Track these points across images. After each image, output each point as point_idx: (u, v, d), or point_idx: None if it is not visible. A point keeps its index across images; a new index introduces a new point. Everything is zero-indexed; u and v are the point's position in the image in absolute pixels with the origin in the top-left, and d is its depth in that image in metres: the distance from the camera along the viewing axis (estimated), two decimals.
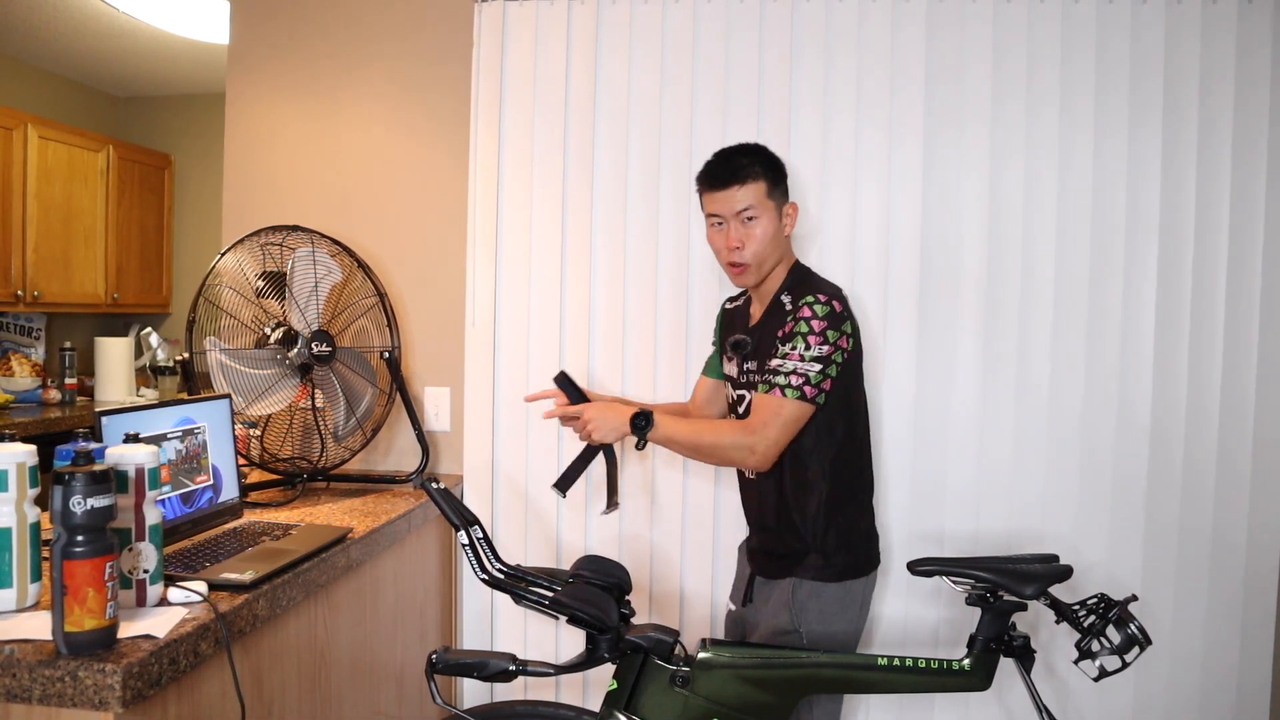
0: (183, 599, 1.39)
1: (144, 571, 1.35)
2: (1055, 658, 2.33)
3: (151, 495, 1.37)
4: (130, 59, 4.39)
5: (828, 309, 1.74)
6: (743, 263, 1.84)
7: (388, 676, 2.09)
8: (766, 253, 1.85)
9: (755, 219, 1.82)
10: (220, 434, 1.89)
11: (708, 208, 1.87)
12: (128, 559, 1.34)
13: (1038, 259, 2.33)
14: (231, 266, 2.22)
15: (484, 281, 2.46)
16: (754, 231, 1.82)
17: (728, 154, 1.87)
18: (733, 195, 1.82)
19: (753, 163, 1.83)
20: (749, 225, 1.83)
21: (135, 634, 1.24)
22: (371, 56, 2.56)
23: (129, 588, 1.34)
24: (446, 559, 2.48)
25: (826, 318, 1.73)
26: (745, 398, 1.90)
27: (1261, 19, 2.27)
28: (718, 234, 1.87)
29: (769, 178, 1.84)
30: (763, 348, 1.86)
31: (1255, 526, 2.32)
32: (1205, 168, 2.29)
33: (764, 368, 1.81)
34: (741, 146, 1.89)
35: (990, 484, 2.36)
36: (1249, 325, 2.31)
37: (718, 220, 1.86)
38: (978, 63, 2.33)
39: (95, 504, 1.17)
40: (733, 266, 1.86)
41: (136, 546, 1.35)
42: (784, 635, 1.84)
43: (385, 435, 2.54)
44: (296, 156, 2.59)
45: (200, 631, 1.31)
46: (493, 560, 1.59)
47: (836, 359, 1.74)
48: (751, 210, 1.82)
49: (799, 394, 1.71)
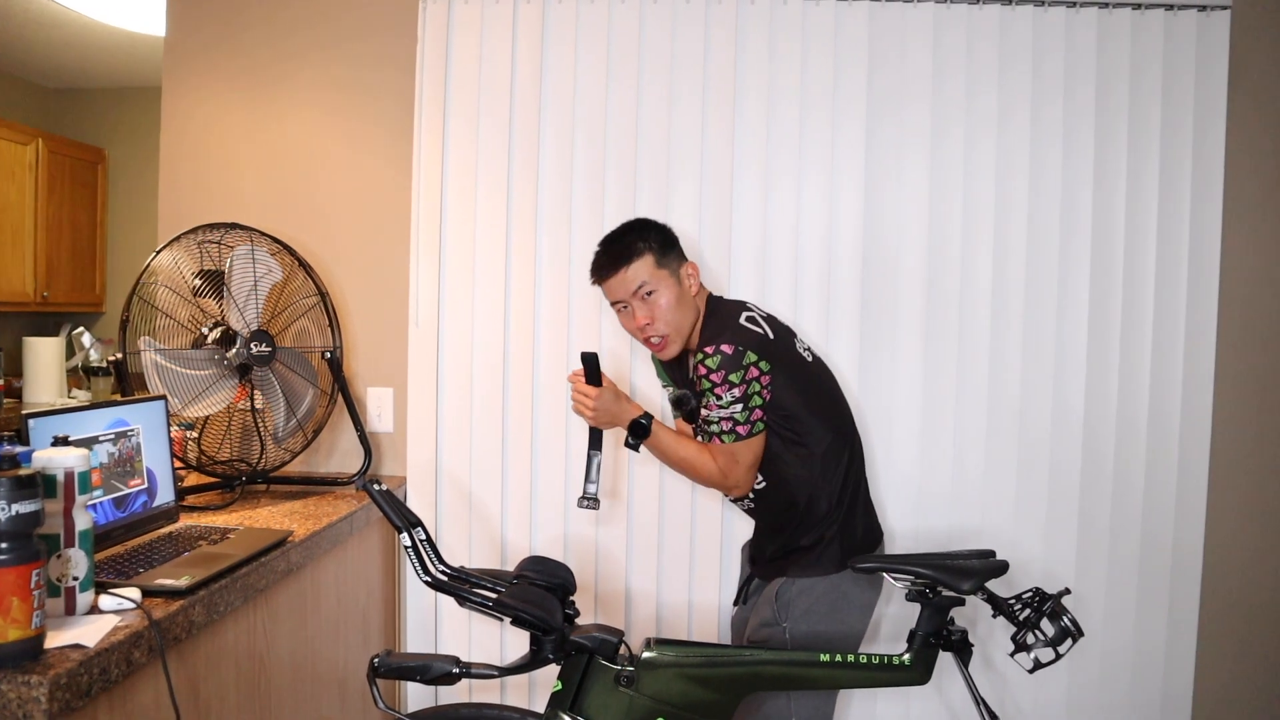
0: (115, 606, 1.35)
1: (73, 579, 1.31)
2: (993, 651, 2.39)
3: (82, 500, 1.33)
4: (61, 49, 4.26)
5: (718, 359, 1.75)
6: (660, 336, 1.85)
7: (329, 682, 2.06)
8: (679, 320, 1.86)
9: (654, 292, 1.83)
10: (155, 436, 1.84)
11: (608, 296, 1.90)
12: (56, 566, 1.30)
13: (977, 263, 2.39)
14: (167, 265, 2.17)
15: (427, 281, 2.43)
16: (658, 303, 1.83)
17: (608, 241, 1.89)
18: (623, 278, 1.84)
19: (633, 240, 1.85)
20: (650, 300, 1.84)
21: (64, 644, 1.20)
22: (313, 51, 2.51)
23: (57, 596, 1.30)
24: (389, 561, 2.46)
25: (721, 366, 1.75)
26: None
27: (1187, 30, 2.35)
28: (626, 318, 1.89)
29: (654, 249, 1.85)
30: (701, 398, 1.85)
31: (1180, 522, 2.41)
32: (1134, 175, 2.37)
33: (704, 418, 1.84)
34: (621, 228, 1.90)
35: (931, 482, 2.41)
36: (1175, 330, 2.39)
37: (622, 305, 1.88)
38: (918, 71, 2.37)
39: (20, 509, 1.14)
40: (650, 344, 1.88)
41: (65, 553, 1.31)
42: (766, 628, 1.87)
43: (327, 436, 2.50)
44: (235, 152, 2.53)
45: (133, 639, 1.27)
46: (436, 562, 1.58)
47: (754, 389, 1.77)
48: (646, 285, 1.83)
49: (734, 436, 1.79)
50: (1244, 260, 2.43)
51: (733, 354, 1.75)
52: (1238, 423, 2.45)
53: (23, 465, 1.21)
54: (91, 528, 1.35)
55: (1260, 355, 2.44)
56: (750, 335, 1.79)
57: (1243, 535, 2.45)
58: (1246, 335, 2.44)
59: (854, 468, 1.92)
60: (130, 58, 4.33)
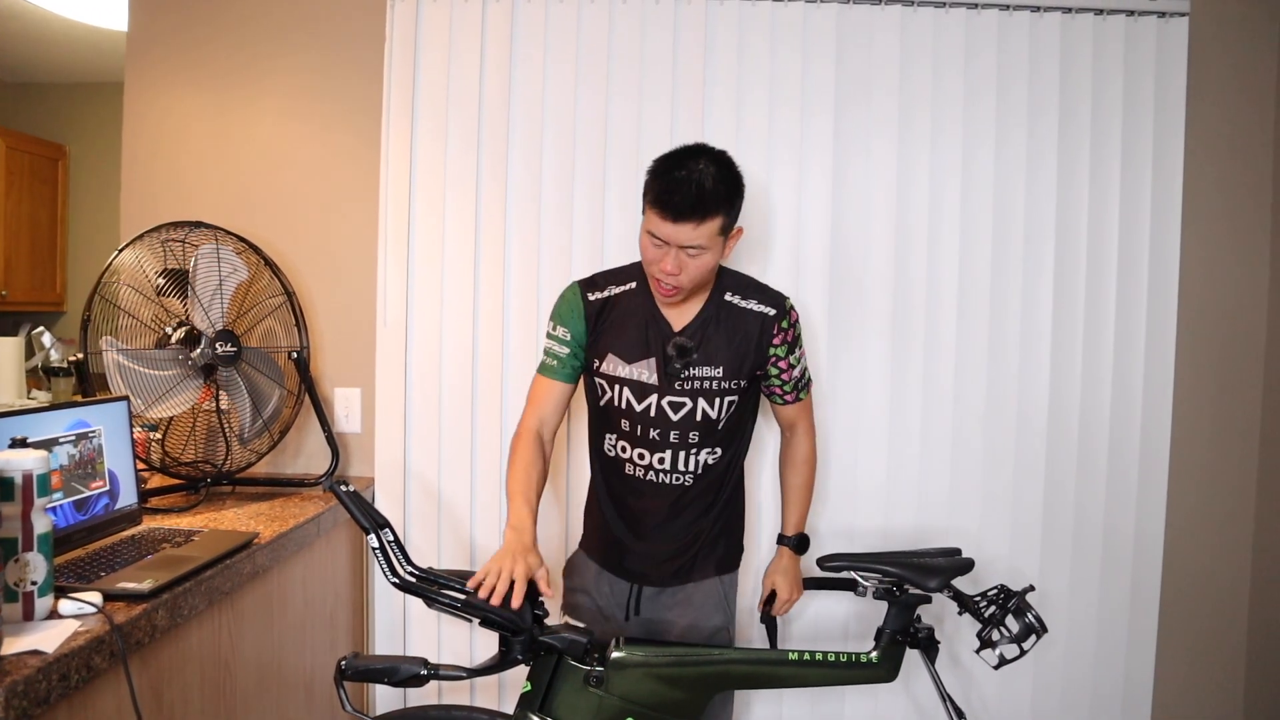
0: (75, 611, 1.33)
1: (32, 583, 1.29)
2: (959, 648, 2.42)
3: (40, 503, 1.31)
4: (19, 43, 4.18)
5: (796, 316, 1.85)
6: (676, 288, 1.71)
7: (296, 685, 2.04)
8: (702, 280, 1.73)
9: (701, 255, 1.67)
10: (117, 437, 1.81)
11: (653, 227, 1.66)
12: (14, 570, 1.27)
13: (941, 264, 2.41)
14: (130, 263, 2.14)
15: (396, 281, 2.41)
16: (696, 262, 1.67)
17: (692, 182, 1.62)
18: (685, 231, 1.63)
19: (717, 198, 1.63)
20: (692, 259, 1.67)
21: (21, 650, 1.18)
22: (280, 47, 2.48)
23: (15, 601, 1.28)
24: (357, 563, 2.44)
25: (797, 324, 1.85)
26: (687, 406, 1.79)
27: (1147, 36, 2.39)
28: (654, 251, 1.68)
29: (727, 212, 1.66)
30: (711, 353, 1.77)
31: (1141, 521, 2.45)
32: (1096, 177, 2.41)
33: (734, 383, 1.79)
34: (707, 170, 1.64)
35: (898, 481, 2.43)
36: (1135, 330, 2.43)
37: (659, 241, 1.67)
38: (885, 73, 2.39)
39: None
40: (661, 288, 1.72)
41: (24, 557, 1.28)
42: (717, 634, 1.90)
43: (294, 437, 2.47)
44: (200, 150, 2.50)
45: (94, 644, 1.25)
46: (404, 563, 1.57)
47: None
48: (701, 248, 1.65)
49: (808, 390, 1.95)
50: (1202, 260, 2.48)
51: (797, 316, 1.85)
52: (1197, 420, 2.49)
53: None
54: (51, 531, 1.33)
55: (1218, 355, 2.49)
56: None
57: (1202, 531, 2.50)
58: (1205, 336, 2.49)
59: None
60: (91, 52, 4.26)
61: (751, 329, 1.79)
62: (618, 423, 1.85)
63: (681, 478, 1.84)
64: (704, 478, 1.85)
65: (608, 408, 1.86)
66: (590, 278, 1.89)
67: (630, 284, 1.84)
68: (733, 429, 1.86)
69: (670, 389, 1.78)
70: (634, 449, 1.85)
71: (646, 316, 1.81)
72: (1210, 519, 2.51)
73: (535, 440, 1.80)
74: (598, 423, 1.93)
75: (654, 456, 1.83)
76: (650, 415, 1.80)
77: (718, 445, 1.84)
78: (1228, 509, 2.51)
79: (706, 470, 1.85)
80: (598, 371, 1.84)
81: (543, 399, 1.84)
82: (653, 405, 1.80)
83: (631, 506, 1.89)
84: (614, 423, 1.86)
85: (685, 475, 1.84)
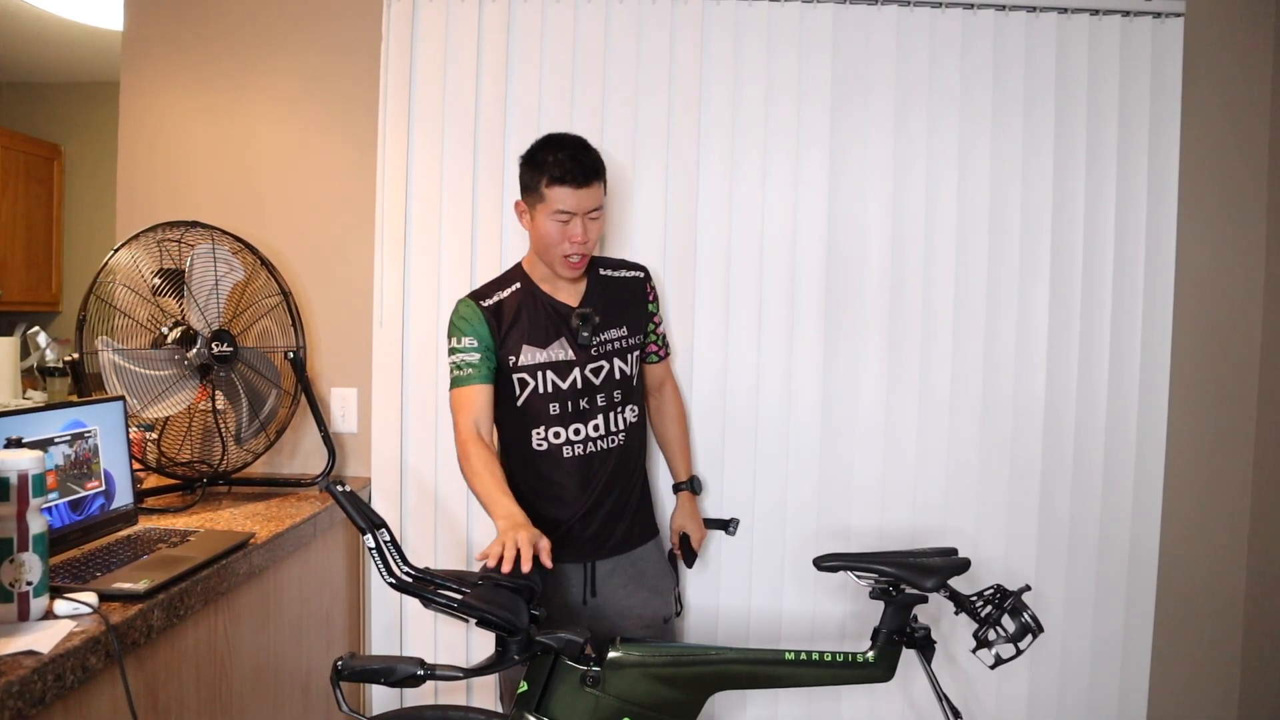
0: (70, 611, 1.32)
1: (27, 584, 1.29)
2: (956, 648, 2.42)
3: (36, 503, 1.31)
4: (13, 42, 4.17)
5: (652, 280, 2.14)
6: (583, 256, 1.92)
7: (293, 686, 2.04)
8: (595, 245, 1.97)
9: (598, 216, 1.91)
10: (113, 437, 1.81)
11: (559, 203, 1.86)
12: (9, 571, 1.27)
13: (937, 265, 2.42)
14: (126, 263, 2.13)
15: (392, 280, 2.41)
16: (596, 224, 1.91)
17: (579, 147, 1.90)
18: (592, 193, 1.88)
19: (599, 159, 1.91)
20: (594, 222, 1.90)
21: (16, 650, 1.18)
22: (276, 45, 2.48)
23: (10, 601, 1.27)
24: (354, 563, 2.43)
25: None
26: (605, 368, 1.98)
27: (1143, 36, 2.39)
28: (560, 230, 1.88)
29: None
30: (611, 317, 2.00)
31: (1137, 519, 2.46)
32: (1092, 176, 2.41)
33: (635, 339, 2.04)
34: (583, 141, 1.92)
35: (894, 481, 2.43)
36: (1132, 331, 2.43)
37: (565, 216, 1.87)
38: (882, 74, 2.39)
39: None
40: (570, 262, 1.91)
41: (19, 558, 1.28)
42: (668, 597, 2.07)
43: (290, 437, 2.47)
44: (196, 150, 2.50)
45: (89, 645, 1.25)
46: (400, 563, 1.57)
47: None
48: (598, 210, 1.90)
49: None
50: (1199, 262, 2.48)
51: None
52: (1193, 421, 2.50)
53: None
54: (46, 531, 1.33)
55: (1214, 356, 2.50)
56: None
57: (1198, 532, 2.51)
58: (1201, 336, 2.49)
59: None
60: (87, 52, 4.25)
61: (634, 291, 2.07)
62: (545, 411, 1.96)
63: (615, 438, 2.00)
64: (630, 435, 2.03)
65: (530, 401, 1.96)
66: (474, 291, 2.03)
67: (514, 285, 2.00)
68: (640, 387, 2.11)
69: (588, 357, 1.97)
70: (568, 428, 1.96)
71: (543, 306, 1.98)
72: (1206, 519, 2.51)
73: (480, 441, 1.88)
74: (519, 425, 1.98)
75: (589, 426, 1.97)
76: (577, 387, 1.96)
77: (634, 403, 2.04)
78: (1223, 509, 2.52)
79: (630, 429, 2.03)
80: (515, 367, 1.95)
81: (470, 403, 1.91)
82: (577, 377, 1.96)
83: (573, 489, 1.98)
84: (540, 414, 1.96)
85: (618, 435, 2.00)
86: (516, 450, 2.01)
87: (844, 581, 2.38)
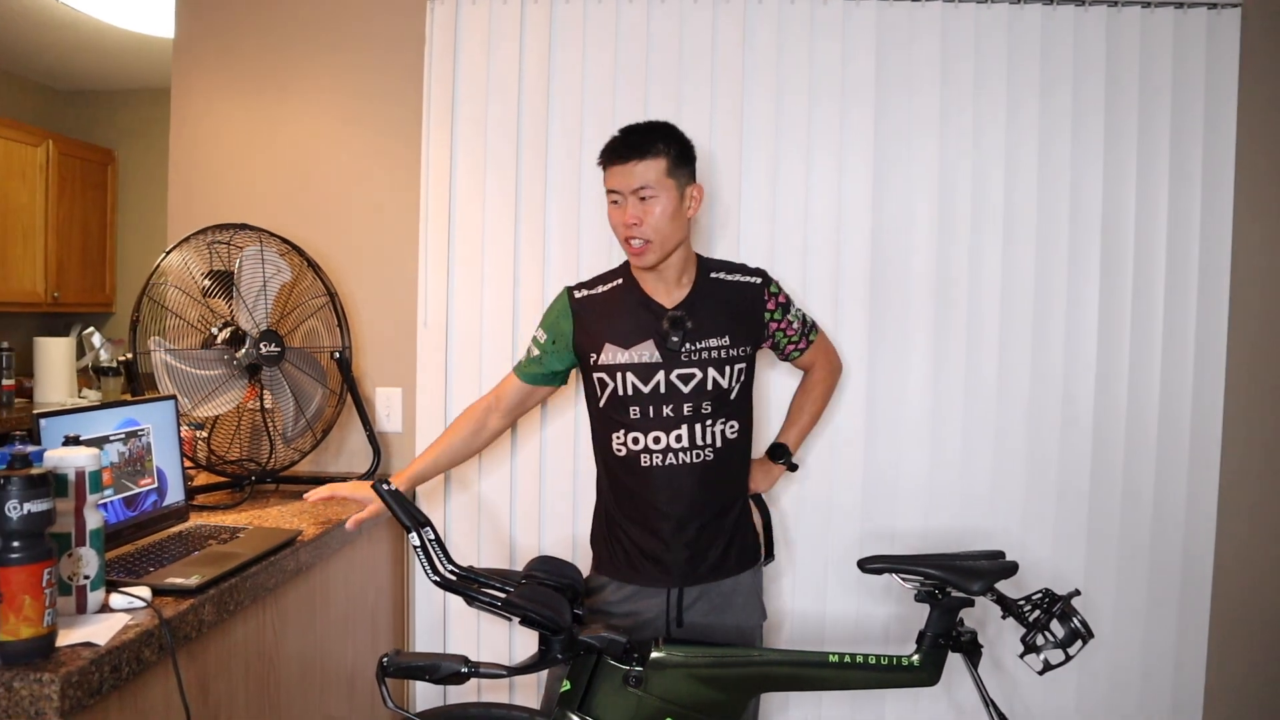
0: (125, 605, 1.35)
1: (84, 577, 1.32)
2: (1002, 652, 2.38)
3: (92, 499, 1.34)
4: (71, 52, 4.28)
5: (770, 277, 1.96)
6: (644, 241, 1.78)
7: (338, 681, 2.06)
8: (667, 233, 1.79)
9: (653, 198, 1.77)
10: (165, 436, 1.85)
11: (607, 183, 1.82)
12: (67, 565, 1.30)
13: (985, 261, 2.38)
14: (177, 265, 2.18)
15: (436, 281, 2.43)
16: (652, 209, 1.77)
17: (630, 130, 1.83)
18: (631, 170, 1.77)
19: (655, 140, 1.78)
20: (646, 203, 1.77)
21: (75, 642, 1.21)
22: (321, 51, 2.52)
23: (69, 594, 1.30)
24: (398, 561, 2.46)
25: (775, 280, 1.97)
26: (697, 377, 1.81)
27: (1197, 28, 2.34)
28: (616, 211, 1.81)
29: (671, 155, 1.79)
30: (710, 323, 1.83)
31: (1190, 524, 2.40)
32: (1144, 173, 2.36)
33: (741, 349, 1.86)
34: (649, 124, 1.84)
35: (940, 482, 2.40)
36: (1185, 330, 2.38)
37: (616, 197, 1.81)
38: (927, 69, 2.36)
39: (32, 508, 1.14)
40: (630, 245, 1.81)
41: (77, 552, 1.31)
42: (753, 632, 1.92)
43: (336, 436, 2.50)
44: (244, 153, 2.54)
45: (143, 638, 1.28)
46: (444, 562, 1.58)
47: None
48: (650, 189, 1.76)
49: (816, 329, 2.05)
50: (1255, 260, 2.42)
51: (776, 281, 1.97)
52: (1248, 424, 2.43)
53: (34, 465, 1.22)
54: (102, 527, 1.36)
55: (1272, 358, 2.43)
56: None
57: (1254, 539, 2.44)
58: (1257, 337, 2.42)
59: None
60: (140, 60, 4.35)
61: (746, 297, 1.90)
62: (625, 415, 1.84)
63: (701, 453, 1.83)
64: (724, 452, 1.85)
65: (611, 402, 1.85)
66: (581, 281, 1.98)
67: (617, 280, 1.92)
68: (743, 401, 1.90)
69: (676, 362, 1.82)
70: (647, 435, 1.82)
71: (637, 303, 1.87)
72: (1263, 529, 2.44)
73: (470, 415, 1.98)
74: (603, 427, 1.90)
75: (670, 436, 1.81)
76: (660, 393, 1.82)
77: (733, 418, 1.87)
78: None
79: (726, 445, 1.85)
80: (595, 366, 1.86)
81: (502, 387, 2.00)
82: (660, 382, 1.82)
83: (656, 504, 1.84)
84: (621, 417, 1.85)
85: (705, 450, 1.83)
86: (602, 454, 1.93)
87: (888, 584, 2.35)
